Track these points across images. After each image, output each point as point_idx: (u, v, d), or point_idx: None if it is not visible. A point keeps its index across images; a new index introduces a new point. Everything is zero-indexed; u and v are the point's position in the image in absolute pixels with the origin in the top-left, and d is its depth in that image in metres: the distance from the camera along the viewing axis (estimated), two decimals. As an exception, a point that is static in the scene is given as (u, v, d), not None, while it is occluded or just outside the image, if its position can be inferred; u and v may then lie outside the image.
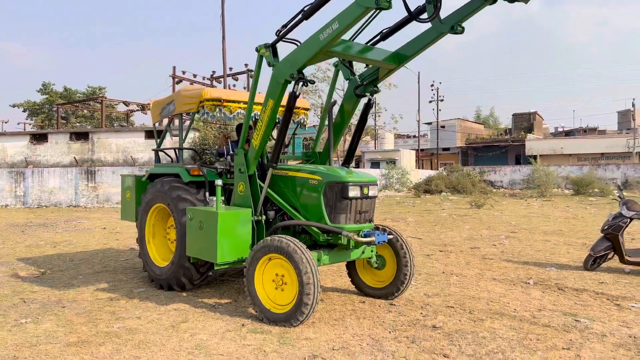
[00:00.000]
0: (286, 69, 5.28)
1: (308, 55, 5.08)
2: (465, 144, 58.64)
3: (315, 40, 4.94)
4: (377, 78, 5.90)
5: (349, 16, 4.61)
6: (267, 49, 5.47)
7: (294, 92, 5.38)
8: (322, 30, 4.85)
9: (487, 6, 4.83)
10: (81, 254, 9.55)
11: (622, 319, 5.36)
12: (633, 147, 45.46)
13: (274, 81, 5.43)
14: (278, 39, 5.44)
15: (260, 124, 5.61)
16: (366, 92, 5.99)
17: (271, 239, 5.15)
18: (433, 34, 5.18)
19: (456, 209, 19.99)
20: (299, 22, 5.29)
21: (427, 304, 5.94)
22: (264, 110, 5.55)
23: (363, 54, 5.48)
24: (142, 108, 33.92)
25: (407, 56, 5.49)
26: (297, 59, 5.19)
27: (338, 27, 4.70)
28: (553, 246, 10.28)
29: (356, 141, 6.47)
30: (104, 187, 22.59)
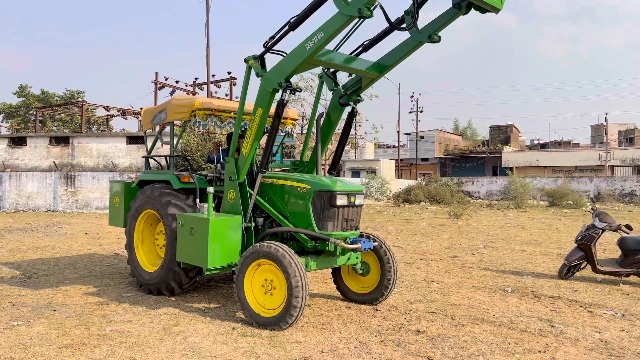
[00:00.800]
0: (274, 78, 5.50)
1: (295, 64, 5.31)
2: (444, 155, 59.51)
3: (301, 49, 5.18)
4: (360, 87, 6.18)
5: (334, 25, 4.88)
6: (256, 60, 5.69)
7: (282, 100, 5.60)
8: (308, 40, 5.09)
9: (460, 16, 5.18)
10: (65, 259, 9.55)
11: (595, 325, 5.66)
12: (605, 160, 46.76)
13: (263, 90, 5.64)
14: (266, 50, 5.67)
15: (250, 132, 5.78)
16: (350, 101, 6.26)
17: (260, 245, 5.31)
18: (412, 44, 5.52)
19: (435, 218, 20.36)
20: (286, 33, 5.54)
21: (411, 310, 6.16)
22: (253, 119, 5.73)
23: (347, 63, 5.76)
24: (123, 113, 33.70)
25: (388, 65, 5.81)
26: (284, 68, 5.41)
27: (323, 36, 4.96)
28: (529, 256, 10.63)
29: (341, 149, 6.71)
30: (83, 192, 22.39)
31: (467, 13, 5.11)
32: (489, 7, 4.95)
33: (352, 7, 4.64)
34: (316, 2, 5.14)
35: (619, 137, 62.73)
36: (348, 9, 4.68)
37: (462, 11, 5.07)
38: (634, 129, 62.17)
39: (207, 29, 23.68)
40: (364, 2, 4.57)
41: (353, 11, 4.64)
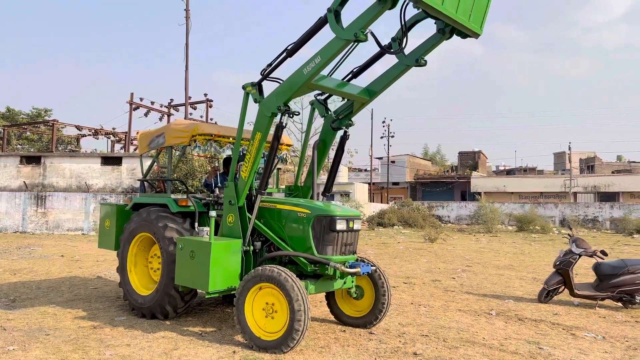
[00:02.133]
0: (272, 103, 5.71)
1: (293, 89, 5.54)
2: (414, 179, 60.52)
3: (299, 74, 5.42)
4: (351, 112, 6.45)
5: (331, 50, 5.16)
6: (254, 87, 5.89)
7: (280, 123, 5.81)
8: (306, 65, 5.34)
9: (444, 41, 5.56)
10: (46, 282, 9.36)
11: (579, 347, 5.94)
12: (570, 187, 48.42)
13: (261, 115, 5.83)
14: (263, 77, 5.90)
15: (249, 156, 5.93)
16: (342, 125, 6.51)
17: (262, 269, 5.41)
18: (400, 68, 5.86)
19: (411, 242, 20.69)
20: (283, 60, 5.78)
21: (404, 333, 6.32)
22: (251, 143, 5.90)
23: (340, 88, 6.05)
24: (95, 133, 33.21)
25: (378, 90, 6.13)
26: (283, 93, 5.63)
27: (321, 61, 5.22)
28: (507, 280, 10.97)
29: (334, 171, 6.91)
30: (54, 213, 21.88)
31: (450, 38, 5.50)
32: (469, 33, 5.35)
33: (349, 32, 4.95)
34: (313, 29, 5.43)
35: (581, 165, 65.13)
36: (344, 33, 4.98)
37: (446, 36, 5.46)
38: (594, 157, 64.75)
39: (187, 52, 23.81)
40: (359, 26, 4.90)
41: (349, 35, 4.94)
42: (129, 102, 28.91)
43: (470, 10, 5.16)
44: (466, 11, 5.12)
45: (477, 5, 5.21)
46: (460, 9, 5.03)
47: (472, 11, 5.19)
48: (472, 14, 5.21)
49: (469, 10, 5.15)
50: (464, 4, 5.04)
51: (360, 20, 4.93)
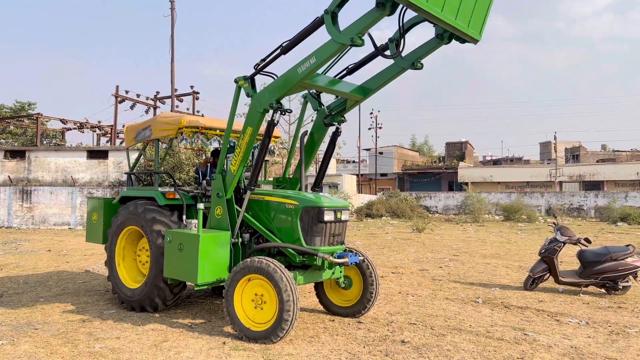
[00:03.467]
0: (265, 99, 5.69)
1: (287, 87, 5.53)
2: (402, 170, 60.77)
3: (293, 73, 5.40)
4: (344, 109, 6.43)
5: (326, 52, 5.13)
6: (246, 80, 5.87)
7: (272, 120, 5.80)
8: (301, 64, 5.32)
9: (442, 45, 5.54)
10: (34, 277, 9.31)
11: (563, 332, 6.06)
12: (555, 176, 48.98)
13: (253, 110, 5.82)
14: (256, 72, 5.87)
15: (239, 150, 5.94)
16: (334, 122, 6.50)
17: (251, 260, 5.44)
18: (395, 69, 5.85)
19: (399, 232, 20.83)
20: (277, 56, 5.75)
21: (392, 322, 6.40)
22: (242, 137, 5.89)
23: (333, 86, 6.03)
24: (80, 126, 32.85)
25: (372, 89, 6.11)
26: (276, 90, 5.62)
27: (315, 62, 5.20)
28: (493, 268, 11.12)
29: (325, 166, 6.93)
30: (40, 207, 21.68)
31: (448, 43, 5.47)
32: (468, 39, 5.32)
33: (345, 36, 4.90)
34: (309, 29, 5.38)
35: (566, 154, 65.84)
36: (341, 37, 4.94)
37: (444, 41, 5.45)
38: (579, 147, 65.48)
39: (172, 43, 23.60)
40: (356, 31, 4.85)
41: (346, 40, 4.91)
42: (114, 94, 28.62)
43: (469, 16, 5.12)
44: (465, 18, 5.08)
45: (476, 11, 5.17)
46: (460, 16, 4.98)
47: (471, 17, 5.15)
48: (472, 20, 5.17)
49: (468, 17, 5.11)
50: (463, 10, 4.99)
51: (358, 24, 4.87)
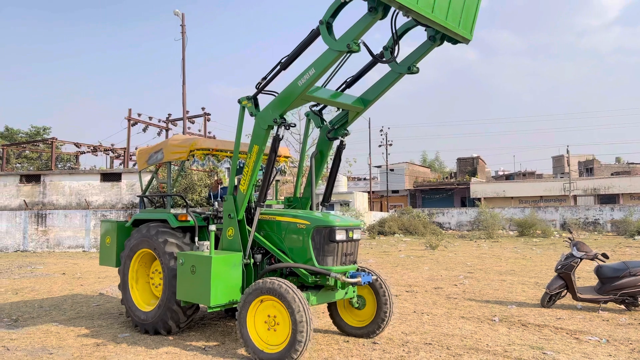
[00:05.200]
0: (268, 115, 5.75)
1: (289, 101, 5.60)
2: (413, 187, 60.52)
3: (294, 86, 5.48)
4: (346, 121, 6.48)
5: (324, 61, 5.22)
6: (249, 100, 5.94)
7: (277, 136, 5.83)
8: (300, 77, 5.40)
9: (435, 47, 5.62)
10: (48, 301, 9.35)
11: (583, 351, 5.93)
12: (569, 190, 48.45)
13: (258, 128, 5.88)
14: (258, 91, 5.97)
15: (247, 169, 5.96)
16: (338, 135, 6.53)
17: (263, 282, 5.42)
18: (393, 76, 5.93)
19: (412, 250, 20.67)
20: (278, 72, 5.84)
21: (407, 342, 6.31)
22: (249, 156, 5.93)
23: (334, 98, 6.08)
24: (94, 150, 33.28)
25: (372, 99, 6.18)
26: (278, 105, 5.68)
27: (315, 72, 5.28)
28: (509, 285, 10.96)
29: (332, 180, 6.91)
30: (55, 230, 21.87)
31: (441, 44, 5.58)
32: (460, 39, 5.43)
33: (342, 43, 5.01)
34: (306, 42, 5.50)
35: (579, 168, 65.21)
36: (337, 44, 5.05)
37: (437, 43, 5.54)
38: (592, 160, 64.84)
39: (183, 66, 23.94)
40: (351, 37, 4.97)
41: (342, 47, 5.00)
42: (127, 118, 29.01)
43: (459, 16, 5.25)
44: (455, 18, 5.21)
45: (466, 11, 5.30)
46: (450, 16, 5.11)
47: (461, 17, 5.28)
48: (462, 20, 5.29)
49: (458, 17, 5.23)
50: (453, 11, 5.13)
51: (352, 31, 5.00)
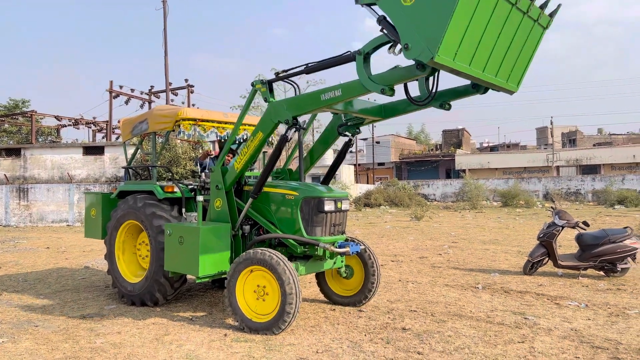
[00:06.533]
0: (282, 110, 5.48)
1: (307, 108, 5.39)
2: (399, 159, 60.79)
3: (316, 97, 5.24)
4: (361, 122, 6.26)
5: (353, 91, 4.96)
6: (264, 85, 5.68)
7: (285, 136, 5.58)
8: (325, 92, 5.14)
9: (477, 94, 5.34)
10: (33, 274, 9.30)
11: (563, 315, 6.09)
12: (552, 161, 49.06)
13: (268, 119, 5.62)
14: (277, 79, 5.73)
15: (246, 150, 5.82)
16: (348, 132, 6.30)
17: (254, 252, 5.43)
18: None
19: (398, 221, 20.87)
20: (299, 73, 5.62)
21: (392, 309, 6.42)
22: (251, 139, 5.76)
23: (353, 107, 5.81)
24: (75, 123, 32.72)
25: (394, 114, 5.97)
26: (295, 106, 5.43)
27: (340, 96, 5.05)
28: (492, 254, 11.15)
29: (334, 170, 6.81)
30: (38, 205, 21.62)
31: (484, 93, 5.29)
32: (504, 91, 5.20)
33: (376, 85, 4.73)
34: (337, 60, 5.23)
35: (562, 139, 65.95)
36: (371, 85, 4.76)
37: (480, 91, 5.26)
38: (575, 131, 65.58)
39: (165, 36, 23.44)
40: (388, 82, 4.69)
41: (376, 89, 4.74)
42: (108, 90, 28.48)
43: (510, 71, 5.01)
44: (506, 73, 4.96)
45: (517, 66, 5.06)
46: (500, 73, 4.87)
47: (511, 72, 5.04)
48: (512, 74, 5.06)
49: (508, 72, 5.00)
50: (504, 67, 4.88)
51: (392, 77, 4.72)
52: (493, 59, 4.75)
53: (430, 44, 4.17)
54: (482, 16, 4.37)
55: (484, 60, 4.67)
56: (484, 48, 4.58)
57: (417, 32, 4.26)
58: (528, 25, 4.95)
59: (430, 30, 4.18)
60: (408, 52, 4.32)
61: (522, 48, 5.02)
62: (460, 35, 4.28)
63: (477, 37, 4.47)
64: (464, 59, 4.45)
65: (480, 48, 4.54)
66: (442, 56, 4.18)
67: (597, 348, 4.92)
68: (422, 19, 4.23)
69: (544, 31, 5.16)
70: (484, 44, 4.56)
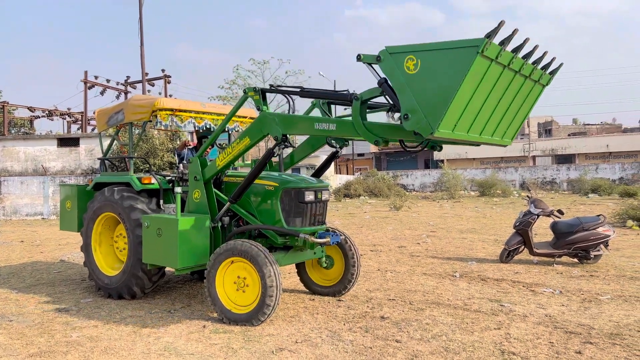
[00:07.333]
0: (273, 125, 5.37)
1: (298, 130, 5.35)
2: (379, 150, 61.01)
3: (309, 124, 5.18)
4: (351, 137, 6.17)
5: (347, 131, 4.93)
6: (256, 93, 5.58)
7: (272, 152, 5.55)
8: (320, 122, 5.08)
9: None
10: (6, 269, 9.11)
11: (538, 302, 6.21)
12: (528, 151, 49.82)
13: (258, 128, 5.54)
14: (271, 90, 5.67)
15: (230, 150, 5.75)
16: (337, 143, 6.13)
17: (234, 243, 5.39)
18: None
19: (377, 211, 20.99)
20: (292, 93, 5.62)
21: (371, 298, 6.47)
22: (237, 142, 5.68)
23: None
24: (49, 114, 32.01)
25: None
26: (287, 125, 5.32)
27: (334, 130, 5.00)
28: (470, 243, 11.31)
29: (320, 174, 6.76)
30: (11, 198, 21.14)
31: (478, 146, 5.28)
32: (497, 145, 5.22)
33: (371, 136, 4.71)
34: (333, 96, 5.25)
35: (539, 129, 66.91)
36: (367, 135, 4.73)
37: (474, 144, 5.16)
38: (551, 121, 66.59)
39: (141, 25, 23.00)
40: (383, 135, 4.67)
41: (370, 139, 4.72)
42: (83, 80, 27.88)
43: (505, 129, 4.99)
44: (501, 132, 4.95)
45: (512, 124, 5.05)
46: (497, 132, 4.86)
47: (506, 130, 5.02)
48: (506, 132, 5.04)
49: (504, 131, 4.98)
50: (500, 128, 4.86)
51: (388, 132, 4.67)
52: (491, 122, 4.74)
53: (431, 119, 4.10)
54: (485, 88, 4.31)
55: (482, 125, 4.65)
56: (483, 115, 4.56)
57: (418, 103, 4.17)
58: (529, 87, 4.94)
59: (432, 105, 4.10)
60: (407, 123, 4.25)
61: (520, 107, 5.02)
62: (461, 109, 4.22)
63: (478, 107, 4.42)
64: (463, 129, 4.42)
65: (479, 115, 4.50)
66: (442, 130, 4.14)
67: (571, 333, 5.03)
68: (425, 90, 4.14)
69: (543, 88, 5.17)
70: (484, 111, 4.53)
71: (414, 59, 4.19)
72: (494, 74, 4.30)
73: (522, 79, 4.73)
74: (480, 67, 4.07)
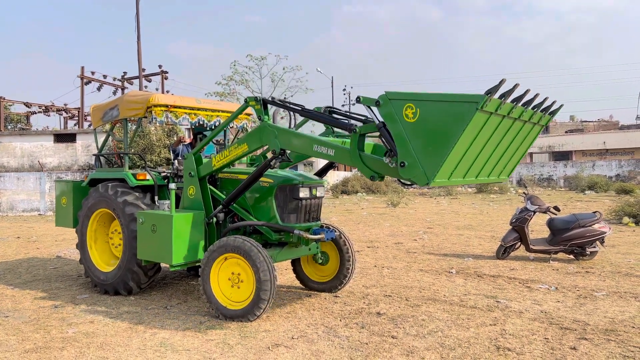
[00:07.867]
0: (272, 139, 5.34)
1: (295, 148, 5.31)
2: (376, 146, 60.96)
3: (308, 144, 5.14)
4: None
5: (345, 159, 4.92)
6: (258, 102, 5.56)
7: (269, 163, 5.51)
8: (319, 145, 5.05)
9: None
10: (3, 265, 9.09)
11: (534, 298, 6.23)
12: (525, 148, 49.82)
13: (258, 137, 5.51)
14: (272, 102, 5.64)
15: (227, 153, 5.73)
16: None
17: (228, 239, 5.39)
18: None
19: (374, 208, 20.99)
20: (292, 110, 5.61)
21: (368, 294, 6.47)
22: (236, 146, 5.67)
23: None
24: (46, 110, 31.89)
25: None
26: (286, 140, 5.30)
27: (332, 155, 4.98)
28: (466, 239, 11.32)
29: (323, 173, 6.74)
30: (7, 194, 21.09)
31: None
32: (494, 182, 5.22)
33: (368, 171, 4.72)
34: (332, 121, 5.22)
35: (536, 126, 66.96)
36: (364, 169, 4.74)
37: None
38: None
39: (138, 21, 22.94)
40: (379, 171, 4.67)
41: (367, 174, 4.73)
42: (79, 76, 27.76)
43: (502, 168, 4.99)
44: (498, 171, 4.94)
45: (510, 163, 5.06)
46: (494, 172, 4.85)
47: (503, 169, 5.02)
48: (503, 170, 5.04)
49: (501, 169, 4.97)
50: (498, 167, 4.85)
51: (384, 170, 4.65)
52: (488, 165, 4.73)
53: (428, 170, 4.10)
54: (483, 137, 4.30)
55: (478, 169, 4.64)
56: (480, 161, 4.55)
57: (415, 153, 4.17)
58: (528, 129, 4.92)
59: (429, 157, 4.10)
60: (403, 171, 4.26)
61: (518, 147, 5.01)
62: (458, 159, 4.22)
63: (475, 155, 4.41)
64: (459, 175, 4.42)
65: (476, 162, 4.49)
66: (438, 180, 4.15)
67: (566, 329, 5.05)
68: (423, 139, 4.13)
69: (542, 128, 5.15)
70: (481, 157, 4.52)
71: (413, 107, 4.19)
72: (493, 124, 4.31)
73: (521, 123, 4.73)
74: (480, 120, 4.08)
